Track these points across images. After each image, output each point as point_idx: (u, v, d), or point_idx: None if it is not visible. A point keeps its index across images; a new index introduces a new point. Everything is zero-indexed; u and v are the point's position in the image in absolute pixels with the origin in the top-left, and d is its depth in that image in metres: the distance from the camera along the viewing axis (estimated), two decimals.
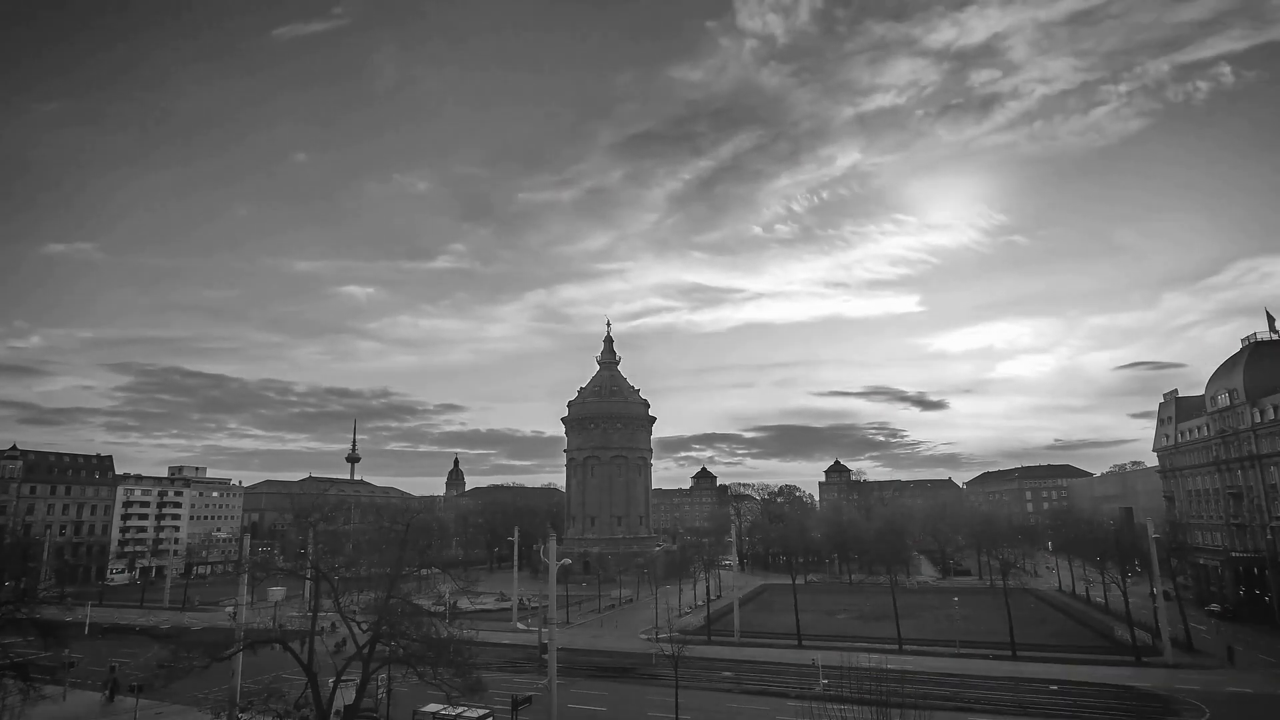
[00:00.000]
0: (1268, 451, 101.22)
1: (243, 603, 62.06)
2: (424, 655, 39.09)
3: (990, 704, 61.33)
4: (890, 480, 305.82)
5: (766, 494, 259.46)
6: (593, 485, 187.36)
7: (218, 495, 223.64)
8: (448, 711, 49.08)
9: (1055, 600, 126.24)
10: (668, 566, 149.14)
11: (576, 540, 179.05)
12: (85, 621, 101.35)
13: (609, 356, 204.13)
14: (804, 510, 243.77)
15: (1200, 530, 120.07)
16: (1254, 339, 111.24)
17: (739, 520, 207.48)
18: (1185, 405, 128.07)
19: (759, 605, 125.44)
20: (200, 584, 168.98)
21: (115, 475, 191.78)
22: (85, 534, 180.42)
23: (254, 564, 72.55)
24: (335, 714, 43.81)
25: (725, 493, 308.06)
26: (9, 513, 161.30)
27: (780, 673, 73.90)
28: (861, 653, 62.33)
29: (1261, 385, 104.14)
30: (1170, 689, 65.25)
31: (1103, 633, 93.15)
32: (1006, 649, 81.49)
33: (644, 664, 77.56)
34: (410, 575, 52.56)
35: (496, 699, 53.16)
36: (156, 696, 57.81)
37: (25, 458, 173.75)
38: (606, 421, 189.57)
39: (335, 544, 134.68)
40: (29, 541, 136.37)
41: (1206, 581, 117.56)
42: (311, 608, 46.60)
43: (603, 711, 60.95)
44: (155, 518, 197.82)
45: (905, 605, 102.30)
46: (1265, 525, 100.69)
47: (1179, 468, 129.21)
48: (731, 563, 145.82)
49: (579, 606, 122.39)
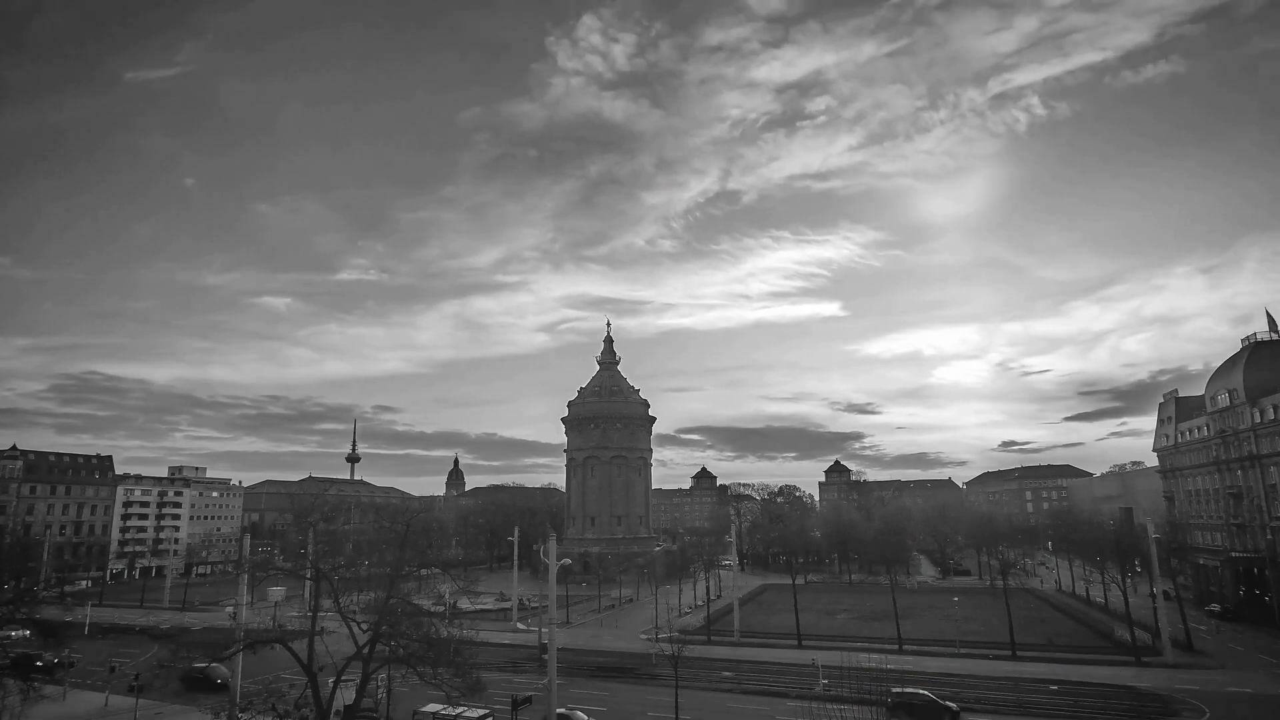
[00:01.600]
0: (1268, 451, 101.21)
1: (243, 603, 62.01)
2: (424, 655, 39.10)
3: (990, 704, 61.31)
4: (890, 480, 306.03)
5: (766, 494, 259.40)
6: (593, 485, 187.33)
7: (218, 495, 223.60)
8: (448, 711, 49.07)
9: (1055, 600, 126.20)
10: (668, 566, 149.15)
11: (576, 540, 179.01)
12: (85, 621, 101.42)
13: (609, 357, 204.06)
14: (804, 510, 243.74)
15: (1200, 530, 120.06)
16: (1254, 339, 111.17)
17: (739, 520, 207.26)
18: (1185, 405, 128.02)
19: (759, 605, 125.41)
20: (200, 584, 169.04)
21: (115, 475, 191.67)
22: (85, 534, 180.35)
23: (254, 564, 72.47)
24: (335, 714, 43.79)
25: (725, 493, 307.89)
26: (9, 513, 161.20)
27: (780, 673, 73.88)
28: (861, 653, 62.48)
29: (1261, 385, 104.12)
30: (1170, 689, 65.23)
31: (1103, 633, 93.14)
32: (1006, 649, 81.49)
33: (644, 664, 77.54)
34: (410, 575, 52.55)
35: (496, 699, 53.19)
36: (156, 696, 57.93)
37: (25, 458, 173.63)
38: (606, 421, 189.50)
39: (335, 544, 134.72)
40: (29, 541, 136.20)
41: (1206, 581, 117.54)
42: (311, 608, 46.56)
43: (603, 711, 60.94)
44: (155, 518, 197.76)
45: (905, 605, 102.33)
46: (1265, 525, 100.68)
47: (1179, 468, 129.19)
48: (731, 563, 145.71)
49: (579, 606, 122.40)
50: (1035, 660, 78.49)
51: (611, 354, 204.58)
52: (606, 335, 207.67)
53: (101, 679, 65.45)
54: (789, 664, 76.89)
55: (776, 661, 79.62)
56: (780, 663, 78.55)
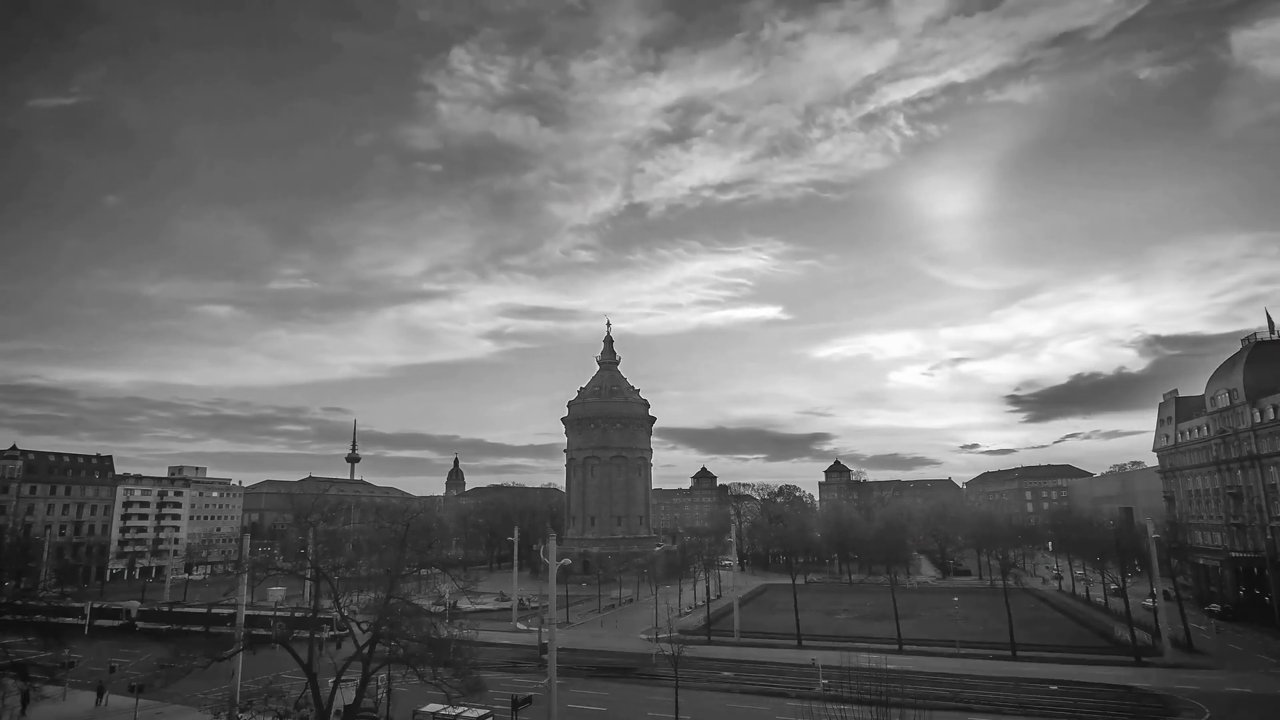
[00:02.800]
0: (1268, 451, 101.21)
1: (243, 603, 62.02)
2: (424, 655, 39.10)
3: (990, 704, 61.30)
4: (890, 480, 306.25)
5: (766, 494, 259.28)
6: (593, 485, 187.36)
7: (218, 495, 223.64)
8: (448, 711, 49.05)
9: (1055, 600, 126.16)
10: (668, 566, 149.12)
11: (576, 540, 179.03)
12: (85, 622, 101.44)
13: (609, 357, 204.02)
14: (804, 510, 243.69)
15: (1200, 530, 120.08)
16: (1254, 339, 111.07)
17: (739, 520, 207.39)
18: (1185, 405, 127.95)
19: (759, 605, 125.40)
20: (200, 584, 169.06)
21: (115, 475, 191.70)
22: (85, 534, 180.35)
23: (254, 564, 72.48)
24: (335, 714, 43.81)
25: (725, 493, 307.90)
26: (9, 513, 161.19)
27: (780, 673, 73.86)
28: (861, 653, 62.36)
29: (1261, 385, 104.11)
30: (1170, 689, 65.22)
31: (1103, 633, 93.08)
32: (1006, 649, 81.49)
33: (644, 664, 77.54)
34: (410, 575, 52.59)
35: (496, 699, 53.19)
36: (156, 697, 57.90)
37: (25, 458, 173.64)
38: (606, 421, 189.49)
39: (335, 544, 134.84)
40: (29, 541, 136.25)
41: (1206, 581, 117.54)
42: (311, 608, 46.61)
43: (603, 711, 60.95)
44: (155, 518, 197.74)
45: (905, 605, 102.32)
46: (1265, 525, 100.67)
47: (1179, 468, 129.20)
48: (731, 563, 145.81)
49: (579, 606, 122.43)
50: (1035, 660, 78.47)
51: (611, 354, 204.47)
52: (606, 335, 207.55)
53: (102, 678, 65.46)
54: (789, 664, 76.87)
55: (776, 661, 79.61)
56: (780, 663, 78.54)
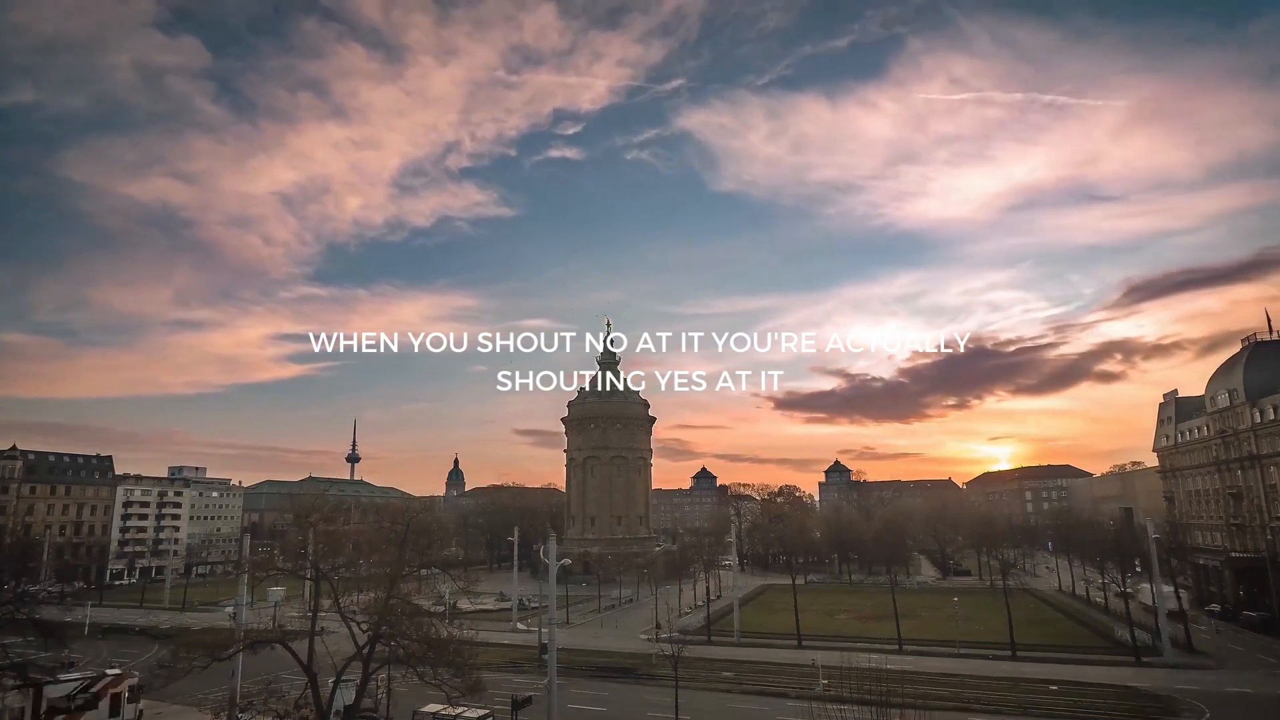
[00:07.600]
0: (1268, 451, 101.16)
1: (243, 603, 61.96)
2: (424, 655, 39.10)
3: (990, 704, 61.30)
4: (890, 480, 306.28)
5: (766, 494, 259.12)
6: (593, 485, 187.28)
7: (218, 495, 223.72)
8: (448, 711, 49.02)
9: (1055, 600, 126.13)
10: (668, 566, 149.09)
11: (576, 540, 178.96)
12: (85, 621, 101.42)
13: (609, 357, 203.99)
14: (804, 510, 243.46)
15: (1200, 531, 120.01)
16: (1254, 339, 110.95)
17: (739, 520, 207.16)
18: (1185, 405, 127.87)
19: (759, 605, 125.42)
20: (200, 584, 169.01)
21: (115, 475, 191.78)
22: (85, 534, 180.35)
23: (254, 564, 72.41)
24: (335, 714, 43.81)
25: (725, 493, 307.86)
26: (9, 513, 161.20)
27: (780, 673, 73.85)
28: (861, 653, 62.39)
29: (1261, 385, 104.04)
30: (1170, 689, 65.24)
31: (1103, 633, 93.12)
32: (1006, 649, 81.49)
33: (644, 664, 77.50)
34: (410, 575, 52.54)
35: (496, 699, 53.17)
36: (157, 697, 57.92)
37: (25, 458, 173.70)
38: (606, 422, 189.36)
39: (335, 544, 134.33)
40: (29, 541, 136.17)
41: (1206, 582, 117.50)
42: (311, 608, 46.57)
43: (603, 711, 60.97)
44: (155, 518, 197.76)
45: (905, 605, 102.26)
46: (1265, 525, 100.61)
47: (1179, 468, 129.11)
48: (731, 563, 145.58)
49: (579, 606, 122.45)
50: (1035, 660, 78.48)
51: (611, 354, 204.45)
52: (606, 335, 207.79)
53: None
54: (789, 664, 76.86)
55: (776, 662, 79.60)
56: (780, 663, 78.54)
